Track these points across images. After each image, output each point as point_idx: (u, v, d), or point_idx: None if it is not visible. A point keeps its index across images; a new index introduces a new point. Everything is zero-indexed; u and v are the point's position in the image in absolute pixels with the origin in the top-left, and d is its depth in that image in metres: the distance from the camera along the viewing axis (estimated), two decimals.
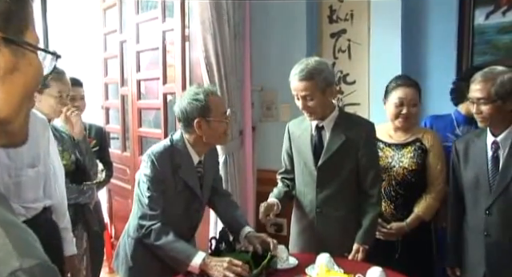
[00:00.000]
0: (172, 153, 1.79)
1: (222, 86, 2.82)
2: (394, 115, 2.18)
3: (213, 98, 1.79)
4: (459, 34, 2.66)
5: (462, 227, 1.99)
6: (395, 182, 2.18)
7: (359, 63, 2.95)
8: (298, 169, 2.08)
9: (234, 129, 2.93)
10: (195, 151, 1.84)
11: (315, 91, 1.89)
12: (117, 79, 3.77)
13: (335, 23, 3.02)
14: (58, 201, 1.87)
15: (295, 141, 2.10)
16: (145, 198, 1.75)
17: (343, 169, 1.96)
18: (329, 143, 1.97)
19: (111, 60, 3.95)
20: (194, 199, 1.85)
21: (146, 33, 3.32)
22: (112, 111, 4.03)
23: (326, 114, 1.99)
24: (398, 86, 2.18)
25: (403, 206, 2.19)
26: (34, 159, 1.71)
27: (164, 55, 3.03)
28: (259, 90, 3.19)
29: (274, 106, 3.18)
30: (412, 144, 2.20)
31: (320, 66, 1.91)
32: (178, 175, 1.78)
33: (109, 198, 3.95)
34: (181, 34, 2.86)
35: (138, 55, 3.37)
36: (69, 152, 2.29)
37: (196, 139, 1.81)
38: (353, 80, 2.99)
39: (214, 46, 2.77)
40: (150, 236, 1.71)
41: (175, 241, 1.71)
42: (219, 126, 1.80)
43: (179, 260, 1.70)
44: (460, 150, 1.99)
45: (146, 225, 1.72)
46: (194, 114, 1.75)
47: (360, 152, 1.95)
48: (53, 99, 2.11)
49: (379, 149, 2.22)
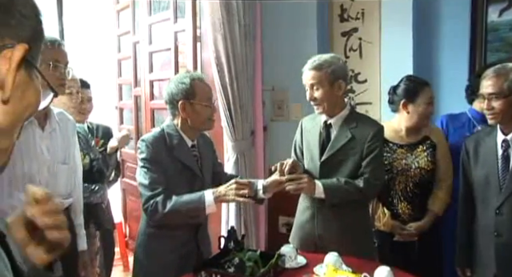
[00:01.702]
0: (164, 137, 1.85)
1: (233, 86, 2.87)
2: (426, 115, 2.18)
3: (198, 83, 1.87)
4: (472, 32, 2.65)
5: (472, 227, 1.98)
6: (412, 183, 2.19)
7: (370, 62, 2.96)
8: (305, 162, 2.12)
9: (245, 128, 2.97)
10: (186, 136, 1.90)
11: (323, 81, 1.95)
12: (130, 80, 3.83)
13: (346, 22, 3.04)
14: (77, 198, 1.94)
15: (306, 135, 2.14)
16: (145, 180, 1.77)
17: (345, 166, 1.98)
18: (334, 140, 2.00)
19: (125, 61, 4.02)
20: (195, 180, 1.88)
21: (159, 34, 3.37)
22: (126, 112, 4.10)
23: (334, 110, 2.02)
24: (424, 85, 2.18)
25: (420, 205, 2.21)
26: (66, 157, 1.79)
27: (176, 56, 3.07)
28: (270, 89, 3.22)
29: (285, 105, 3.20)
30: (423, 143, 2.21)
31: (331, 59, 1.98)
32: (174, 156, 1.83)
33: (123, 197, 4.02)
34: (192, 35, 2.90)
35: (150, 56, 3.42)
36: (83, 153, 2.34)
37: (182, 123, 1.88)
38: (364, 79, 3.00)
39: (225, 47, 2.81)
40: (158, 210, 1.72)
41: (179, 197, 1.76)
42: (203, 110, 1.86)
43: (195, 209, 1.76)
44: (470, 148, 1.97)
45: (150, 203, 1.74)
46: (178, 96, 1.84)
47: (364, 152, 1.97)
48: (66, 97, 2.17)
49: (392, 151, 2.22)
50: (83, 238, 1.97)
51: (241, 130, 2.95)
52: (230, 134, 2.93)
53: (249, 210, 3.01)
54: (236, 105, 2.91)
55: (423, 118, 2.19)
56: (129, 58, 3.83)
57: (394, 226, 2.20)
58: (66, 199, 1.82)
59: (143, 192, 1.78)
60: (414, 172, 2.18)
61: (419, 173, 2.18)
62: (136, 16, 3.64)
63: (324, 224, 2.03)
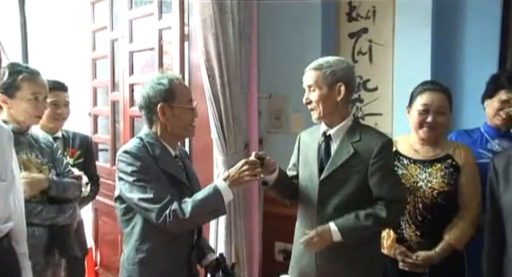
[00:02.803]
0: (145, 147, 1.87)
1: (225, 93, 2.90)
2: (418, 124, 2.21)
3: (178, 84, 1.92)
4: (503, 32, 2.64)
5: (502, 260, 1.91)
6: (422, 205, 2.18)
7: (382, 67, 3.01)
8: (303, 182, 2.14)
9: (239, 141, 3.00)
10: (168, 145, 1.93)
11: (320, 82, 1.99)
12: (107, 83, 3.84)
13: (355, 21, 3.10)
14: (19, 221, 1.86)
15: (304, 151, 2.17)
16: (148, 194, 1.78)
17: (348, 186, 1.99)
18: (335, 155, 2.02)
19: (100, 61, 4.03)
20: (185, 193, 1.90)
21: (141, 31, 3.39)
22: (101, 119, 4.10)
23: (333, 118, 2.05)
24: (423, 90, 2.22)
25: (431, 233, 2.18)
26: (2, 173, 1.74)
27: (160, 56, 3.10)
28: (267, 97, 3.25)
29: (284, 115, 3.23)
30: (442, 161, 2.21)
31: (334, 61, 2.03)
32: (159, 167, 1.85)
33: (94, 218, 3.98)
34: (179, 33, 2.92)
35: (131, 56, 3.44)
36: (48, 166, 2.31)
37: (162, 130, 1.91)
38: (374, 86, 3.05)
39: (216, 48, 2.85)
40: (179, 217, 1.76)
41: (193, 198, 1.82)
42: (184, 114, 1.91)
43: (213, 203, 1.83)
44: (499, 167, 1.92)
45: (166, 214, 1.76)
46: (157, 98, 1.87)
47: (370, 169, 1.96)
48: (26, 103, 2.16)
49: (403, 166, 2.24)
50: (29, 271, 1.91)
51: (233, 142, 2.97)
52: (220, 147, 2.95)
53: (240, 234, 3.02)
54: (228, 114, 2.93)
55: (416, 127, 2.23)
56: (105, 57, 3.84)
57: (397, 251, 2.21)
58: (3, 224, 1.74)
59: (150, 207, 1.78)
60: (424, 192, 2.18)
61: (430, 194, 2.17)
62: (114, 9, 3.65)
63: (324, 253, 2.03)
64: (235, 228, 3.00)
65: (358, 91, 3.10)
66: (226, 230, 2.98)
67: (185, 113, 1.92)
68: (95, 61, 4.14)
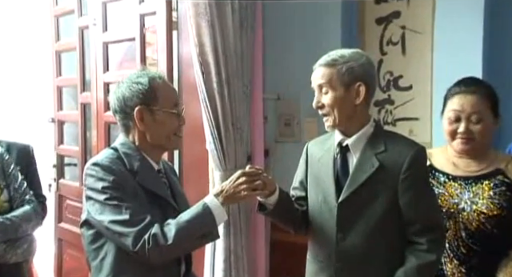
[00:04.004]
0: (121, 159, 1.87)
1: (223, 93, 2.86)
2: (450, 135, 2.19)
3: (160, 83, 1.92)
4: None
5: None
6: (466, 233, 2.15)
7: (418, 61, 2.98)
8: (315, 204, 2.09)
9: (240, 153, 2.97)
10: (149, 157, 1.94)
11: (334, 81, 1.95)
12: (75, 81, 3.82)
13: (384, 3, 3.08)
14: None
15: (314, 166, 2.14)
16: (123, 215, 1.77)
17: (374, 209, 1.96)
18: (355, 171, 1.98)
19: (66, 54, 4.02)
20: (170, 213, 1.89)
21: (118, 17, 3.37)
22: (68, 126, 4.08)
23: (351, 126, 2.01)
24: (454, 93, 2.20)
25: (480, 269, 2.15)
26: None
27: (142, 49, 3.09)
28: (275, 98, 3.25)
29: (294, 121, 3.23)
30: (490, 177, 2.17)
31: (351, 55, 1.98)
32: (138, 183, 1.85)
33: (58, 251, 3.96)
34: (166, 20, 2.92)
35: (105, 48, 3.42)
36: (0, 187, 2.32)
37: (140, 139, 1.92)
38: (408, 85, 3.03)
39: (212, 38, 2.81)
40: (159, 244, 1.74)
41: (178, 219, 1.81)
42: (167, 120, 1.91)
43: (203, 224, 1.82)
44: None
45: (145, 240, 1.75)
46: (133, 100, 1.87)
47: (400, 186, 1.93)
48: None
49: (439, 184, 2.21)
50: None
51: (233, 155, 2.94)
52: (217, 160, 2.92)
53: (242, 267, 2.99)
54: (227, 119, 2.89)
55: (448, 139, 2.20)
56: (73, 49, 3.83)
57: None
58: None
59: (125, 230, 1.76)
60: (467, 216, 2.13)
61: (476, 219, 2.12)
62: None
63: None
64: (236, 260, 2.95)
65: (388, 90, 3.09)
66: (224, 262, 2.94)
67: (168, 119, 1.92)
68: (59, 53, 4.12)
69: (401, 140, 2.04)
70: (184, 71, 3.06)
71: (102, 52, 3.45)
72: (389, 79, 3.06)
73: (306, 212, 2.14)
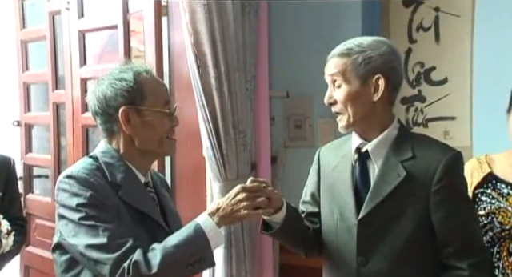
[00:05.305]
0: (101, 169, 1.88)
1: (223, 90, 2.89)
2: None
3: (148, 79, 1.94)
4: None
5: None
6: None
7: (455, 50, 3.01)
8: (331, 222, 2.10)
9: (243, 160, 2.99)
10: (135, 167, 1.95)
11: (348, 74, 1.96)
12: (45, 77, 3.86)
13: None
14: None
15: (327, 176, 2.15)
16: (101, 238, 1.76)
17: (401, 226, 1.95)
18: (378, 182, 1.98)
19: (35, 44, 4.06)
20: (160, 235, 1.89)
21: (96, 0, 3.42)
22: (37, 130, 4.11)
23: (369, 127, 2.02)
24: None
25: None
26: None
27: (127, 38, 3.14)
28: (283, 96, 3.29)
29: (307, 122, 3.27)
30: None
31: (370, 43, 1.98)
32: (120, 198, 1.85)
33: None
34: (154, 4, 2.96)
35: (82, 37, 3.47)
36: None
37: (126, 145, 1.93)
38: (443, 78, 3.06)
39: (209, 26, 2.83)
40: (142, 273, 1.72)
41: (164, 243, 1.79)
42: (158, 120, 1.92)
43: (196, 249, 1.80)
44: None
45: (124, 268, 1.73)
46: (117, 99, 1.88)
47: (432, 200, 1.92)
48: None
49: (501, 196, 2.22)
50: None
51: (235, 162, 2.96)
52: (216, 169, 2.94)
53: None
54: (227, 121, 2.91)
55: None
56: (42, 38, 3.87)
57: None
58: None
59: (102, 257, 1.76)
60: None
61: None
62: None
63: None
64: None
65: (418, 85, 3.11)
66: None
67: (159, 119, 1.93)
68: (26, 44, 4.15)
69: (432, 144, 2.03)
70: (176, 64, 3.10)
71: (77, 42, 3.48)
72: (419, 72, 3.10)
73: (318, 231, 2.15)
